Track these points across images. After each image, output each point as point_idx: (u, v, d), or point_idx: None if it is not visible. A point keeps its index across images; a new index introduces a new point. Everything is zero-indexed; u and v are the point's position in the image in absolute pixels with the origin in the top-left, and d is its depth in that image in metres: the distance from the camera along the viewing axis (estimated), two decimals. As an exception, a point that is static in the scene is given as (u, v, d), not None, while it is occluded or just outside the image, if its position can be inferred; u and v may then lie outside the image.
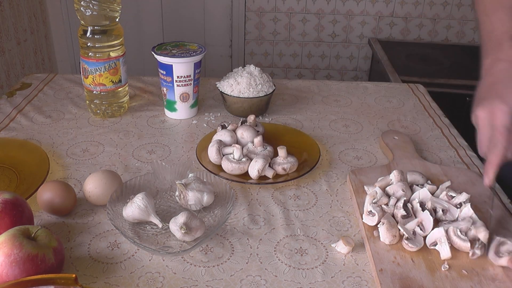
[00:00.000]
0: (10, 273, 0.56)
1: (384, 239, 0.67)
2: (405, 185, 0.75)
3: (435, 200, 0.72)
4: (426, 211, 0.68)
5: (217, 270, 0.65)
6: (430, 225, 0.67)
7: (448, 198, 0.73)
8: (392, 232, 0.66)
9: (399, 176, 0.76)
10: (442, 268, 0.63)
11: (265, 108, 1.07)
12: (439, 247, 0.65)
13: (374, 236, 0.68)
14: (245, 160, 0.82)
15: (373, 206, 0.70)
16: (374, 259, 0.64)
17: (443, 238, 0.65)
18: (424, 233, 0.67)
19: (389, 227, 0.67)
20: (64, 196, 0.72)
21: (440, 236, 0.66)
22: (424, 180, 0.78)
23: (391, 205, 0.71)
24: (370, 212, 0.69)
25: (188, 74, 1.00)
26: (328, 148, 0.95)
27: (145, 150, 0.93)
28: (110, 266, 0.65)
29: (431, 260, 0.65)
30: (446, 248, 0.64)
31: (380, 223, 0.68)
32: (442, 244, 0.65)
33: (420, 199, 0.72)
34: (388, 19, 2.49)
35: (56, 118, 1.04)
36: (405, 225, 0.68)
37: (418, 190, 0.74)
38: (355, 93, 1.21)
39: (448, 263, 0.64)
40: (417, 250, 0.66)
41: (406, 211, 0.69)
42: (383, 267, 0.63)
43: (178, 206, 0.76)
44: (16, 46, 2.16)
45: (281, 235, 0.71)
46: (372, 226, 0.70)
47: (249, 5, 2.50)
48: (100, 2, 0.93)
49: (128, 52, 1.05)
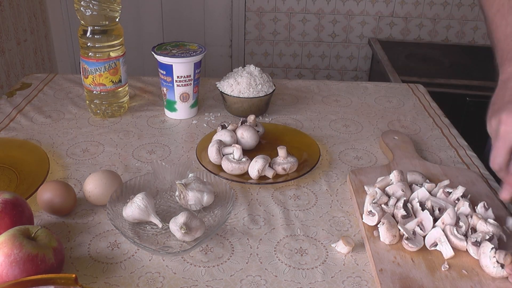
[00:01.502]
0: (10, 273, 0.56)
1: (384, 239, 0.67)
2: (405, 185, 0.75)
3: (433, 199, 0.71)
4: (425, 211, 0.68)
5: (217, 270, 0.65)
6: (430, 225, 0.67)
7: (446, 195, 0.73)
8: (392, 232, 0.66)
9: (399, 176, 0.76)
10: (442, 268, 0.63)
11: (265, 108, 1.07)
12: (440, 247, 0.65)
13: (374, 236, 0.68)
14: (245, 160, 0.82)
15: (373, 206, 0.70)
16: (374, 259, 0.64)
17: (443, 238, 0.65)
18: (424, 233, 0.67)
19: (389, 227, 0.67)
20: (64, 196, 0.72)
21: (439, 236, 0.65)
22: (423, 180, 0.78)
23: (391, 205, 0.71)
24: (370, 212, 0.69)
25: (188, 74, 1.00)
26: (328, 148, 0.95)
27: (145, 150, 0.93)
28: (110, 266, 0.65)
29: (431, 260, 0.65)
30: (447, 247, 0.64)
31: (380, 223, 0.68)
32: (443, 244, 0.65)
33: (419, 199, 0.72)
34: (388, 19, 2.49)
35: (56, 118, 1.04)
36: (405, 225, 0.68)
37: (417, 190, 0.74)
38: (355, 93, 1.21)
39: (448, 263, 0.64)
40: (417, 250, 0.66)
41: (406, 211, 0.69)
42: (383, 267, 0.63)
43: (178, 206, 0.76)
44: (16, 46, 2.16)
45: (281, 235, 0.71)
46: (372, 226, 0.70)
47: (249, 5, 2.50)
48: (100, 2, 0.94)
49: (128, 52, 1.05)
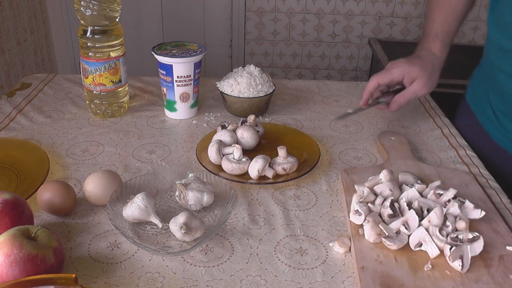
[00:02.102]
0: (10, 273, 0.56)
1: (369, 237, 0.67)
2: (394, 185, 0.74)
3: (422, 200, 0.71)
4: (411, 210, 0.68)
5: (217, 270, 0.65)
6: (416, 224, 0.66)
7: (436, 196, 0.72)
8: (377, 230, 0.66)
9: (388, 175, 0.76)
10: (425, 268, 0.62)
11: (265, 108, 1.07)
12: (425, 247, 0.64)
13: (359, 234, 0.68)
14: (245, 160, 0.82)
15: (360, 206, 0.69)
16: (357, 257, 0.64)
17: (427, 238, 0.64)
18: (409, 232, 0.66)
19: (374, 225, 0.66)
20: (64, 196, 0.72)
21: (423, 235, 0.65)
22: (415, 181, 0.77)
23: (377, 204, 0.71)
24: (356, 211, 0.69)
25: (188, 74, 1.00)
26: (328, 148, 0.95)
27: (145, 150, 0.93)
28: (110, 266, 0.65)
29: (414, 260, 0.64)
30: (433, 246, 0.64)
31: (365, 221, 0.67)
32: (428, 243, 0.64)
33: (408, 199, 0.71)
34: (388, 19, 2.49)
35: (56, 118, 1.04)
36: (390, 224, 0.68)
37: (407, 191, 0.73)
38: (355, 93, 1.21)
39: (432, 263, 0.63)
40: (402, 249, 0.65)
41: (393, 210, 0.69)
42: (365, 265, 0.63)
43: (178, 206, 0.76)
44: (16, 46, 2.16)
45: (281, 235, 0.71)
46: (358, 225, 0.70)
47: (249, 5, 2.50)
48: (100, 2, 0.94)
49: (128, 52, 1.05)
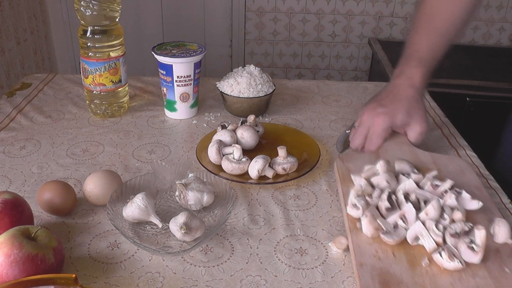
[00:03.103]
0: (10, 273, 0.56)
1: (366, 232, 0.66)
2: (391, 176, 0.73)
3: (419, 192, 0.70)
4: (409, 204, 0.67)
5: (217, 270, 0.65)
6: (413, 218, 0.66)
7: (434, 187, 0.71)
8: (375, 224, 0.65)
9: (385, 166, 0.75)
10: (423, 264, 0.62)
11: (265, 108, 1.07)
12: (422, 241, 0.64)
13: (357, 228, 0.67)
14: (245, 160, 0.82)
15: (358, 200, 0.69)
16: (355, 253, 0.63)
17: (424, 232, 0.64)
18: (407, 226, 0.66)
19: (372, 220, 0.65)
20: (64, 196, 0.72)
21: (420, 229, 0.64)
22: (411, 170, 0.76)
23: (375, 197, 0.70)
24: (354, 205, 0.69)
25: (188, 74, 1.00)
26: (328, 148, 0.95)
27: (145, 150, 0.93)
28: (110, 266, 0.65)
29: (412, 254, 0.63)
30: (429, 240, 0.63)
31: (363, 216, 0.66)
32: (425, 238, 0.63)
33: (405, 190, 0.70)
34: (388, 19, 2.49)
35: (56, 118, 1.04)
36: (388, 218, 0.67)
37: (404, 181, 0.72)
38: (355, 93, 1.21)
39: (429, 258, 0.62)
40: (400, 244, 0.64)
41: (390, 204, 0.68)
42: (363, 261, 0.62)
43: (178, 206, 0.76)
44: (16, 46, 2.16)
45: (281, 235, 0.71)
46: (356, 218, 0.69)
47: (249, 5, 2.50)
48: (100, 2, 0.93)
49: (128, 52, 1.05)
